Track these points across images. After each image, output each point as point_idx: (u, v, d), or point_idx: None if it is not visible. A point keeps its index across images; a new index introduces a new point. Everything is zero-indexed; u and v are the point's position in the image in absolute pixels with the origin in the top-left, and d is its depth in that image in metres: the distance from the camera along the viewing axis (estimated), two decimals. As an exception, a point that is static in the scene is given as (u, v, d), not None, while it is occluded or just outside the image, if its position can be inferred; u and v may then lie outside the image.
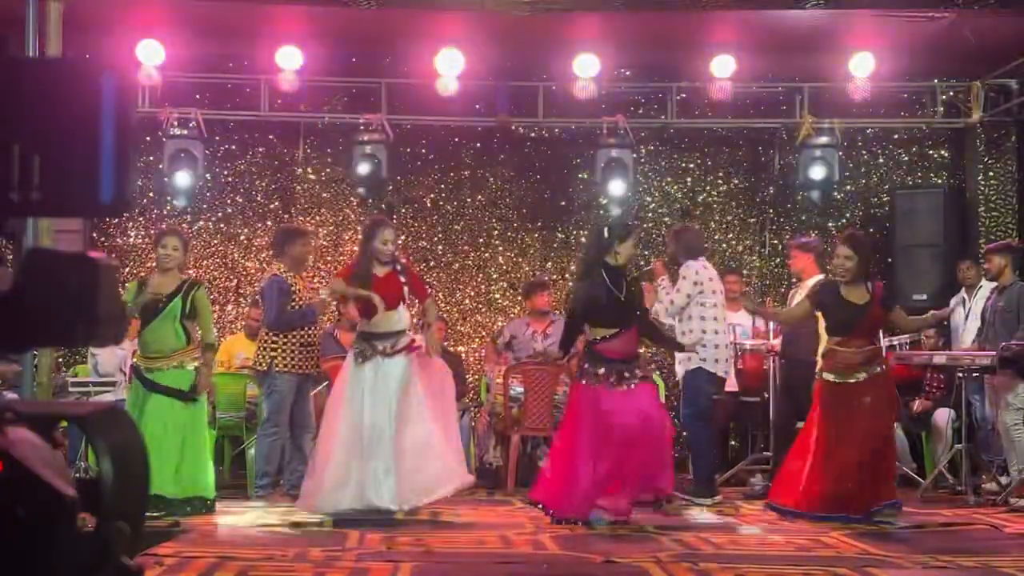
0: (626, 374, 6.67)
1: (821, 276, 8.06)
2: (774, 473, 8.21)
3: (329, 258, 10.71)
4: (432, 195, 10.87)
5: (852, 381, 6.79)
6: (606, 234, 6.90)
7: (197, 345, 7.14)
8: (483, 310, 10.80)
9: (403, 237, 10.33)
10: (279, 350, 7.64)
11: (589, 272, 6.93)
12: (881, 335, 7.47)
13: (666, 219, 10.93)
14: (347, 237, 10.69)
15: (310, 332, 7.84)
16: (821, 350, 7.24)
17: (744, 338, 8.84)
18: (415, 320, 7.93)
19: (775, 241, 10.85)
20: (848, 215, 10.92)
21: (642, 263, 9.43)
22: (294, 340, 7.68)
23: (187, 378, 6.95)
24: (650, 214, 10.93)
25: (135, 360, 7.12)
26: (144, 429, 6.46)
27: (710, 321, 7.74)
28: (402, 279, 7.09)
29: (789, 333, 8.28)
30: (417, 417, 6.85)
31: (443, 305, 10.59)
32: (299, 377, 7.75)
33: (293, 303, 7.72)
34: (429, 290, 7.89)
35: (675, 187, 11.01)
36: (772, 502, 7.15)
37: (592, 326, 6.83)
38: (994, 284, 8.55)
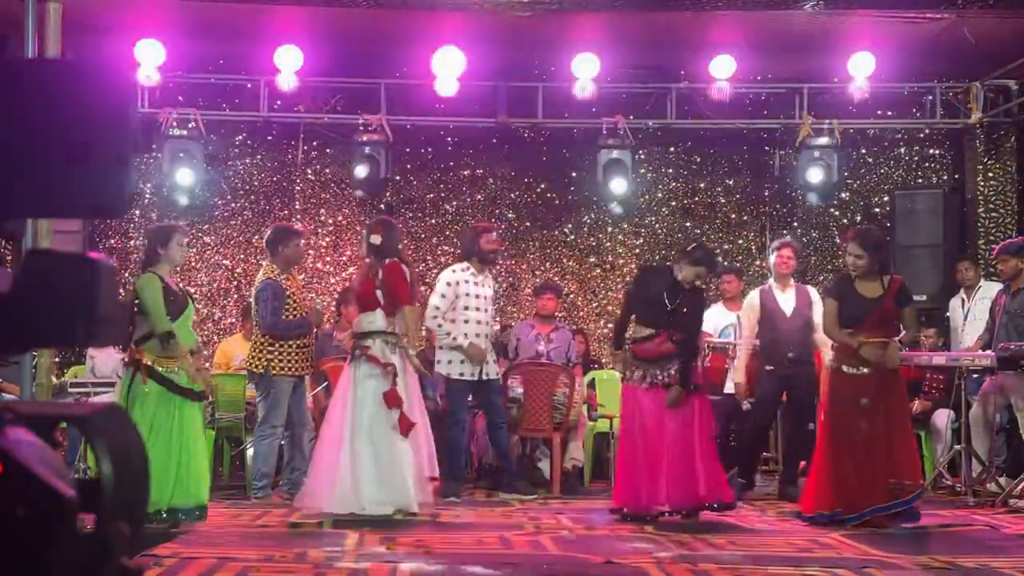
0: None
1: (751, 293, 8.42)
2: (743, 473, 8.20)
3: (328, 259, 10.72)
4: (432, 195, 10.88)
5: (864, 372, 6.74)
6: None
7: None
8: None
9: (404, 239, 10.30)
10: (275, 353, 7.64)
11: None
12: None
13: (666, 219, 10.95)
14: (346, 237, 10.69)
15: (306, 336, 7.84)
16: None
17: (725, 337, 8.81)
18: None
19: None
20: (848, 215, 10.92)
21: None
22: (291, 343, 7.69)
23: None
24: (652, 215, 10.93)
25: (150, 361, 6.35)
26: (172, 438, 6.33)
27: (472, 324, 8.05)
28: (375, 282, 7.11)
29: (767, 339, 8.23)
30: (363, 431, 6.82)
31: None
32: (296, 379, 7.78)
33: (288, 306, 7.69)
34: (415, 296, 7.43)
35: (675, 187, 11.02)
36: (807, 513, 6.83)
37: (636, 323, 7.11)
38: (996, 284, 8.51)
